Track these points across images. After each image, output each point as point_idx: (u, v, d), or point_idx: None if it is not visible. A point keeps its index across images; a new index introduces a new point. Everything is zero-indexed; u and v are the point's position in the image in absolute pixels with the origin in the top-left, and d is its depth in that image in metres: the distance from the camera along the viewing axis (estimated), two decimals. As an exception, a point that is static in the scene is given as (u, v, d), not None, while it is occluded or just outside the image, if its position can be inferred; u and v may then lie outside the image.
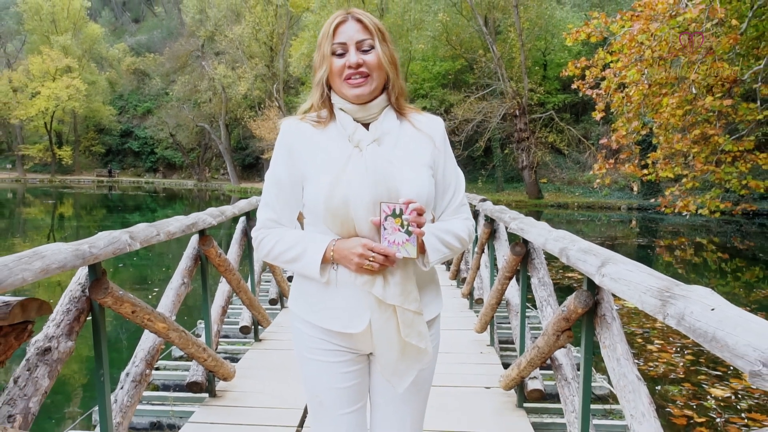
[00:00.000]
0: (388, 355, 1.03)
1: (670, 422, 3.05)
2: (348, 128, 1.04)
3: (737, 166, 5.74)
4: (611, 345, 1.52)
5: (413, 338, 1.01)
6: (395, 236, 0.97)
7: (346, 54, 1.02)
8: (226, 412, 2.37)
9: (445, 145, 1.12)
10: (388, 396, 1.13)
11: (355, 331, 1.04)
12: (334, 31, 1.03)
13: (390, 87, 1.07)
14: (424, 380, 1.14)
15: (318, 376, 1.10)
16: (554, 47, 21.64)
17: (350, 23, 1.03)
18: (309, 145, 1.06)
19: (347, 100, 1.05)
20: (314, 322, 1.07)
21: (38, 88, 34.43)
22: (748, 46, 6.05)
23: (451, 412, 2.34)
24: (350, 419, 1.11)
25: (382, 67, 1.03)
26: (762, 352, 0.72)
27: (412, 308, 1.02)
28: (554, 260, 6.35)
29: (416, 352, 1.04)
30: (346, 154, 1.02)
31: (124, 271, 7.88)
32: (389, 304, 1.00)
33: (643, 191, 18.44)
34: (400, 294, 1.00)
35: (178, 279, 2.44)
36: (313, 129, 1.07)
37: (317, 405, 1.12)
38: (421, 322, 1.03)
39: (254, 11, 28.64)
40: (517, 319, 2.77)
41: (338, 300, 1.04)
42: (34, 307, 1.26)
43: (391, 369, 1.04)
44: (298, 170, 1.06)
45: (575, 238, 1.77)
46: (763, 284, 7.34)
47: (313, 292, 1.07)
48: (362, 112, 1.06)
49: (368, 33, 1.02)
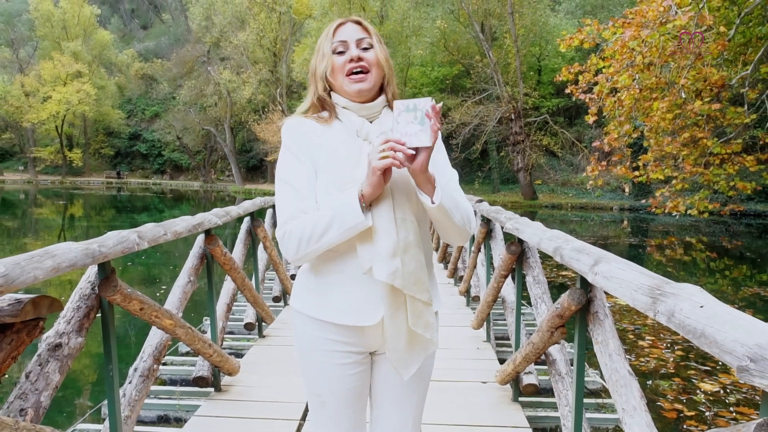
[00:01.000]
0: (397, 345, 1.04)
1: (660, 416, 3.10)
2: (355, 123, 1.06)
3: (725, 168, 5.85)
4: (604, 341, 1.53)
5: (420, 328, 1.03)
6: (408, 128, 0.95)
7: (347, 51, 1.05)
8: (231, 405, 2.41)
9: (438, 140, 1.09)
10: (388, 394, 1.14)
11: (368, 324, 1.04)
12: (334, 31, 1.07)
13: (386, 85, 1.10)
14: (423, 376, 1.15)
15: (321, 378, 1.09)
16: (548, 53, 21.92)
17: (349, 24, 1.07)
18: (317, 140, 1.06)
19: (349, 96, 1.07)
20: (323, 318, 1.06)
21: (50, 92, 35.07)
22: (736, 52, 6.19)
23: (448, 407, 2.38)
24: (350, 418, 1.12)
25: (380, 65, 1.07)
26: (749, 348, 0.73)
27: (424, 298, 1.02)
28: (548, 259, 6.45)
29: (423, 342, 1.05)
30: (357, 147, 1.04)
31: (132, 270, 7.88)
32: (401, 294, 1.01)
33: (635, 192, 18.66)
34: (414, 284, 1.01)
35: (184, 277, 2.47)
36: (318, 125, 1.08)
37: (319, 404, 1.12)
38: (429, 313, 1.04)
39: (258, 18, 28.99)
40: (512, 316, 2.81)
41: (350, 293, 1.04)
42: (45, 305, 1.28)
43: (398, 357, 1.05)
44: (310, 162, 1.05)
45: (569, 238, 1.79)
46: (750, 282, 7.46)
47: (324, 287, 1.06)
48: (365, 111, 1.08)
49: (367, 33, 1.07)
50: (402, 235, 1.01)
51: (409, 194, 1.03)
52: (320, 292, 1.07)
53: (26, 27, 40.19)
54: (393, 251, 1.00)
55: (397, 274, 1.00)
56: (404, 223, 1.02)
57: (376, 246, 1.00)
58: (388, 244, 1.00)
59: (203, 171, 36.32)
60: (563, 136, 20.61)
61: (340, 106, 1.08)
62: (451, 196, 1.04)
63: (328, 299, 1.06)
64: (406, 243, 1.01)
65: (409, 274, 1.01)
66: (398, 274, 1.00)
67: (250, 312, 3.51)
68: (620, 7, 18.43)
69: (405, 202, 1.03)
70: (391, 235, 1.00)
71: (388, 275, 1.00)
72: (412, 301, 1.02)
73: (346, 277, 1.05)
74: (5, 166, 40.73)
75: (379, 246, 1.00)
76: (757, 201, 16.88)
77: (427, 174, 0.98)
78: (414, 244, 1.02)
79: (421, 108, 0.95)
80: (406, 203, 1.03)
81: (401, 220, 1.02)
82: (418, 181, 0.99)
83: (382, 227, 1.00)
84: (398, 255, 1.00)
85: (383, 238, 1.00)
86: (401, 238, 1.01)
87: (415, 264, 1.02)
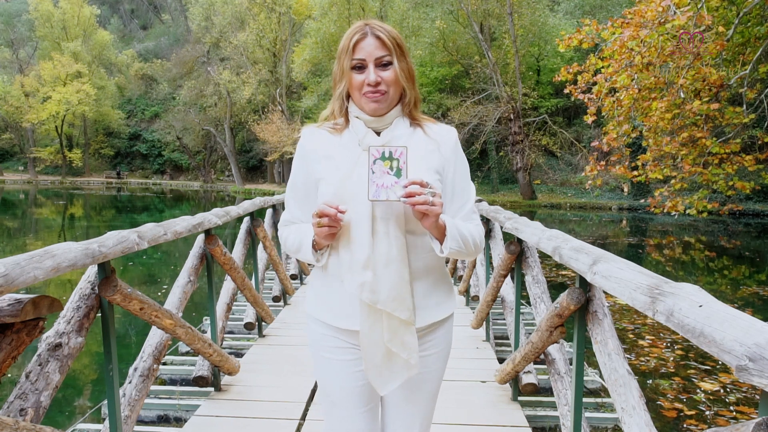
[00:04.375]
0: (373, 359, 1.03)
1: (660, 415, 3.11)
2: (359, 133, 1.08)
3: (724, 167, 5.86)
4: (603, 340, 1.53)
5: (395, 346, 1.01)
6: (383, 179, 0.95)
7: (365, 70, 1.04)
8: (231, 405, 2.42)
9: (455, 154, 1.12)
10: (398, 395, 1.13)
11: (356, 329, 1.06)
12: (353, 47, 1.05)
13: (405, 99, 1.10)
14: (433, 378, 1.14)
15: (329, 375, 1.11)
16: (547, 53, 21.97)
17: (369, 39, 1.04)
18: (323, 150, 1.10)
19: (364, 111, 1.09)
20: (325, 320, 1.10)
21: (49, 92, 35.09)
22: (735, 51, 6.20)
23: (448, 406, 2.38)
24: (361, 419, 1.12)
25: (398, 82, 1.06)
26: (748, 348, 0.73)
27: (403, 317, 1.00)
28: (548, 259, 6.46)
29: (402, 361, 1.03)
30: (356, 155, 1.05)
31: (133, 270, 7.89)
32: (379, 309, 1.00)
33: (633, 192, 18.68)
34: (393, 300, 0.99)
35: (184, 277, 2.47)
36: (329, 135, 1.12)
37: (329, 404, 1.13)
38: (407, 332, 1.02)
39: (258, 19, 29.13)
40: (511, 315, 2.82)
41: (344, 298, 1.06)
42: (45, 305, 1.29)
43: (373, 372, 1.04)
44: (312, 173, 1.10)
45: (568, 238, 1.80)
46: (748, 281, 7.47)
47: (324, 291, 1.11)
48: (377, 123, 1.09)
49: (386, 49, 1.04)
50: (382, 248, 1.01)
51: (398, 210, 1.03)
52: (320, 293, 1.13)
53: (26, 27, 40.34)
54: (364, 263, 1.00)
55: (365, 286, 1.00)
56: (386, 237, 1.01)
57: (350, 255, 1.03)
58: (361, 256, 1.01)
59: (203, 171, 36.47)
60: (562, 136, 20.64)
61: (353, 115, 1.10)
62: (461, 233, 1.03)
63: (324, 301, 1.11)
64: (388, 258, 1.00)
65: (387, 290, 1.00)
66: (366, 287, 1.00)
67: (250, 312, 3.52)
68: (619, 7, 18.48)
69: (390, 215, 1.02)
70: (364, 248, 1.01)
71: (356, 287, 1.01)
72: (389, 317, 1.01)
73: (336, 283, 1.08)
74: (5, 166, 40.77)
75: (353, 257, 1.02)
76: (755, 200, 16.91)
77: (437, 225, 0.99)
78: (397, 259, 1.01)
79: (397, 157, 0.95)
80: (391, 217, 1.02)
81: (383, 233, 1.01)
82: (426, 228, 1.01)
83: (356, 239, 1.02)
84: (370, 268, 1.00)
85: (357, 250, 1.02)
86: (381, 252, 1.00)
87: (396, 279, 1.00)
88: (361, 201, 1.00)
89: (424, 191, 0.95)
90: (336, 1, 23.22)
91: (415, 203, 0.94)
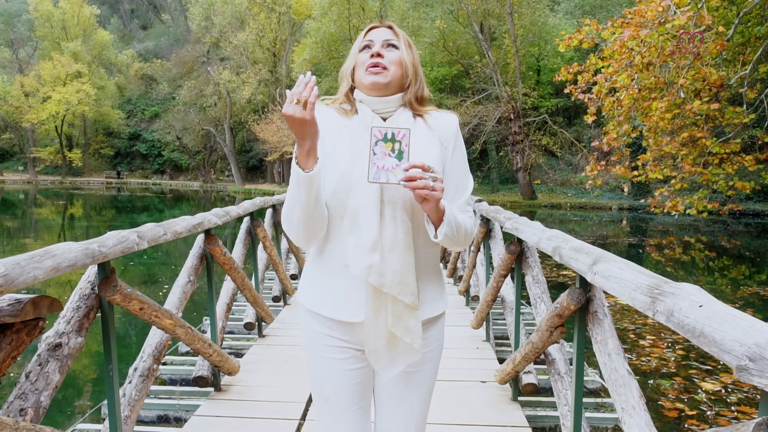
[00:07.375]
0: (377, 344, 1.03)
1: (661, 415, 3.11)
2: (366, 118, 1.07)
3: (724, 167, 5.86)
4: (603, 340, 1.53)
5: (399, 330, 1.01)
6: (384, 161, 0.93)
7: (372, 49, 1.08)
8: (231, 405, 2.42)
9: (455, 143, 1.11)
10: (390, 392, 1.13)
11: (356, 320, 1.05)
12: (366, 33, 1.11)
13: (407, 88, 1.10)
14: (428, 376, 1.14)
15: (323, 373, 1.10)
16: (547, 53, 21.97)
17: (382, 28, 1.11)
18: (332, 128, 1.08)
19: (364, 89, 1.08)
20: (321, 312, 1.08)
21: (49, 92, 35.15)
22: (735, 51, 6.21)
23: (447, 406, 2.39)
24: (353, 416, 1.11)
25: (402, 65, 1.07)
26: (748, 348, 0.73)
27: (407, 301, 1.01)
28: (548, 259, 6.46)
29: (404, 346, 1.03)
30: (364, 140, 1.03)
31: (133, 270, 7.90)
32: (384, 293, 1.00)
33: (634, 192, 18.69)
34: (398, 284, 0.99)
35: (184, 277, 2.47)
36: (338, 115, 1.10)
37: (322, 401, 1.13)
38: (411, 317, 1.02)
39: (258, 18, 29.17)
40: (511, 315, 2.82)
41: (341, 288, 1.05)
42: (45, 305, 1.29)
43: (376, 357, 1.05)
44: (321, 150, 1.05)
45: (568, 237, 1.80)
46: (749, 281, 7.48)
47: (323, 280, 1.08)
48: (380, 105, 1.08)
49: (395, 36, 1.09)
50: (389, 232, 1.00)
51: (406, 194, 1.02)
52: (317, 286, 1.10)
53: (26, 27, 40.46)
54: (372, 246, 0.99)
55: (372, 269, 0.99)
56: (393, 220, 1.01)
57: (357, 239, 1.00)
58: (368, 238, 0.99)
59: (203, 171, 36.55)
60: (562, 136, 20.65)
61: (358, 100, 1.10)
62: (456, 221, 1.02)
63: (323, 293, 1.09)
64: (394, 241, 1.00)
65: (392, 273, 1.00)
66: (374, 270, 0.99)
67: (250, 312, 3.52)
68: (619, 7, 18.47)
69: (398, 199, 1.02)
70: (371, 230, 0.99)
71: (362, 269, 0.99)
72: (394, 301, 1.01)
73: (338, 273, 1.06)
74: (5, 166, 40.86)
75: (359, 239, 1.00)
76: (755, 200, 16.92)
77: (437, 210, 0.98)
78: (403, 243, 1.01)
79: (399, 139, 0.93)
80: (399, 202, 1.02)
81: (390, 217, 1.01)
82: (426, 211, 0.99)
83: (363, 222, 1.00)
84: (378, 251, 0.99)
85: (363, 232, 1.00)
86: (387, 236, 1.00)
87: (401, 264, 1.00)
88: (369, 184, 0.99)
89: (425, 176, 0.93)
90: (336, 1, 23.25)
91: (416, 187, 0.93)
